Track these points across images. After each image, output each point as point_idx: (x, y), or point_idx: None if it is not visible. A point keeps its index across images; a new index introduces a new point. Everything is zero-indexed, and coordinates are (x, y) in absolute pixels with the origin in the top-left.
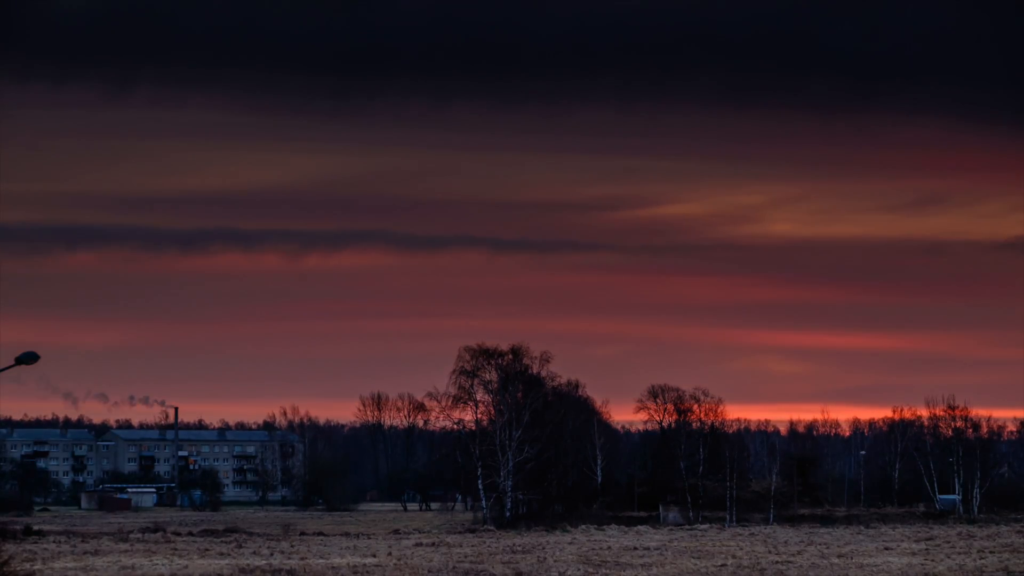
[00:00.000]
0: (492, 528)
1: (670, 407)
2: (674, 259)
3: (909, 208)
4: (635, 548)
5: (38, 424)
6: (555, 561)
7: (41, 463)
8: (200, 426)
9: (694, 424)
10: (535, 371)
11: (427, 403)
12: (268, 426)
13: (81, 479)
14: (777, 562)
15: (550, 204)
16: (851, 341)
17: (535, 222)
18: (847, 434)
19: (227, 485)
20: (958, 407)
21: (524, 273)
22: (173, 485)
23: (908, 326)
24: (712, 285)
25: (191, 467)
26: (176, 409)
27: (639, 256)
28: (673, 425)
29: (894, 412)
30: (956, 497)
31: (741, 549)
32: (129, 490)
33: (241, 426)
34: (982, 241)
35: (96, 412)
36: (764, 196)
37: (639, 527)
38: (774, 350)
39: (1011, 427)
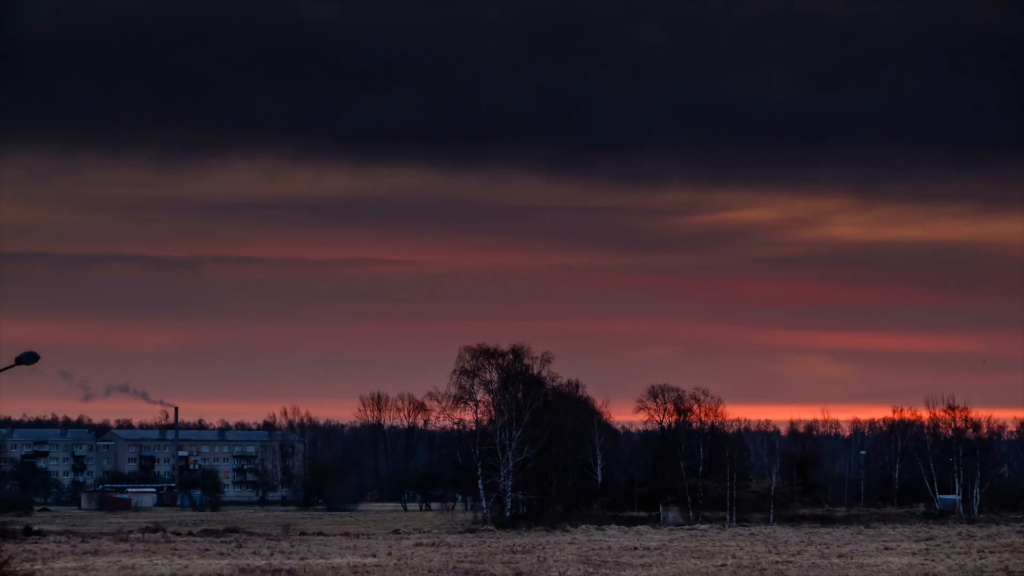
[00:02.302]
0: (492, 528)
1: (670, 407)
2: (727, 263)
3: (975, 214)
4: (635, 548)
5: (38, 424)
6: (555, 561)
7: (41, 463)
8: (200, 426)
9: (694, 424)
10: (535, 371)
11: (427, 403)
12: (268, 426)
13: (81, 479)
14: (777, 562)
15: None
16: (904, 342)
17: (604, 225)
18: (847, 434)
19: (227, 485)
20: (958, 407)
21: (597, 275)
22: (173, 485)
23: (967, 327)
24: (758, 288)
25: (191, 467)
26: (176, 409)
27: (702, 260)
28: (673, 425)
29: (894, 412)
30: (956, 497)
31: (741, 549)
32: (129, 490)
33: (241, 426)
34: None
35: (97, 412)
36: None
37: (639, 527)
38: (821, 351)
39: (1011, 427)
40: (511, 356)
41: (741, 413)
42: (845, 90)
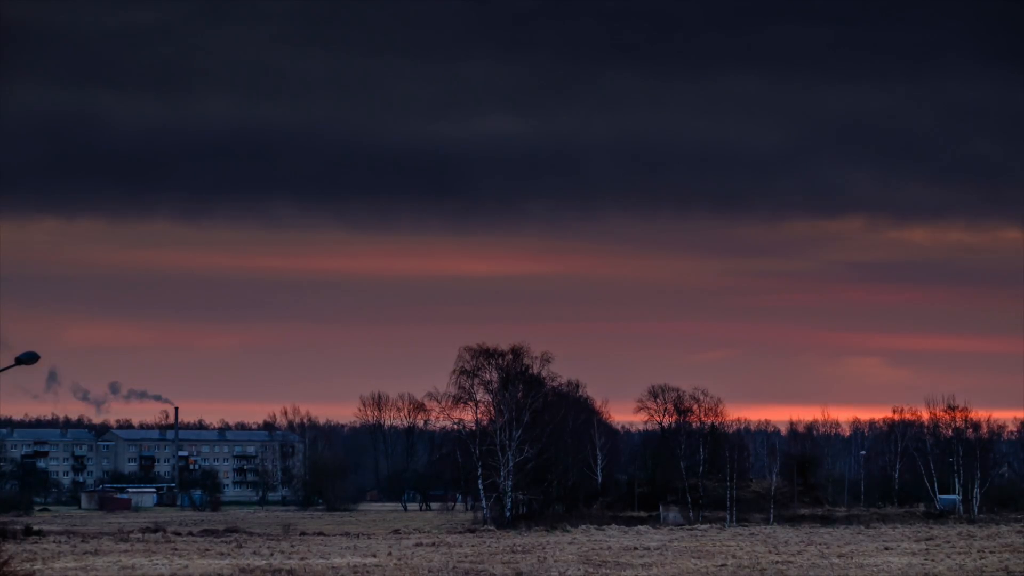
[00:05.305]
0: (492, 528)
1: (670, 407)
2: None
3: None
4: (635, 548)
5: (38, 424)
6: (555, 561)
7: (41, 463)
8: (200, 426)
9: (694, 424)
10: (535, 371)
11: (427, 403)
12: (268, 426)
13: (81, 479)
14: (777, 562)
15: None
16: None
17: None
18: (847, 434)
19: (227, 485)
20: (958, 407)
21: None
22: (173, 485)
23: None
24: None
25: (191, 467)
26: (176, 409)
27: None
28: (673, 425)
29: (894, 412)
30: (956, 497)
31: (741, 549)
32: (129, 490)
33: (241, 426)
34: None
35: (95, 412)
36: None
37: (639, 527)
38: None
39: (1011, 427)
40: (511, 356)
41: (743, 413)
42: None
